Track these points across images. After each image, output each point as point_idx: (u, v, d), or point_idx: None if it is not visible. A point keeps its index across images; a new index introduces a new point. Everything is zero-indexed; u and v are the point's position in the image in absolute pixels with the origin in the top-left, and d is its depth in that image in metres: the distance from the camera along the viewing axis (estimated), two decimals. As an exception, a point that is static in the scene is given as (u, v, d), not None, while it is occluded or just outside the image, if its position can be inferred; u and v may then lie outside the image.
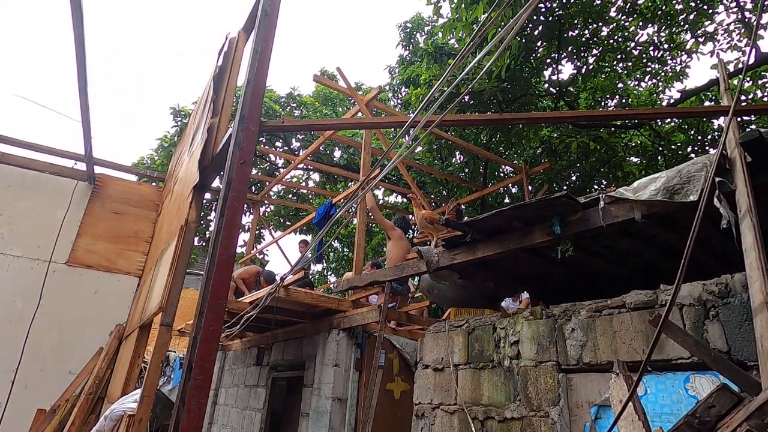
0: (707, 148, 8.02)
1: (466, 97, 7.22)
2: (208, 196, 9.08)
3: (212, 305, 1.82)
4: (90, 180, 5.39)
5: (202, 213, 10.32)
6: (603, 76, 8.37)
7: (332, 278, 14.35)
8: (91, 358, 4.77)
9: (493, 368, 3.01)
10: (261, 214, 10.06)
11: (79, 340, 4.84)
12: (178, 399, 1.75)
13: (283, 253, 9.17)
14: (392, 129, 10.77)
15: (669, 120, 8.93)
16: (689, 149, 8.26)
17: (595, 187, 9.03)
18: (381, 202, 11.94)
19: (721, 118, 7.98)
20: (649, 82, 8.85)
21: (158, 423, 6.00)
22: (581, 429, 2.43)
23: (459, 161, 10.18)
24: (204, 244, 10.99)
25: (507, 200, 10.22)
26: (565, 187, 9.09)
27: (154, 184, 6.36)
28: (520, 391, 2.77)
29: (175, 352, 9.68)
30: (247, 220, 11.21)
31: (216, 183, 5.59)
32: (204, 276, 1.96)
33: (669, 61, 8.08)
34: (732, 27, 7.16)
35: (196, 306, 1.90)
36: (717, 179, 2.15)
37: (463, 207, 7.68)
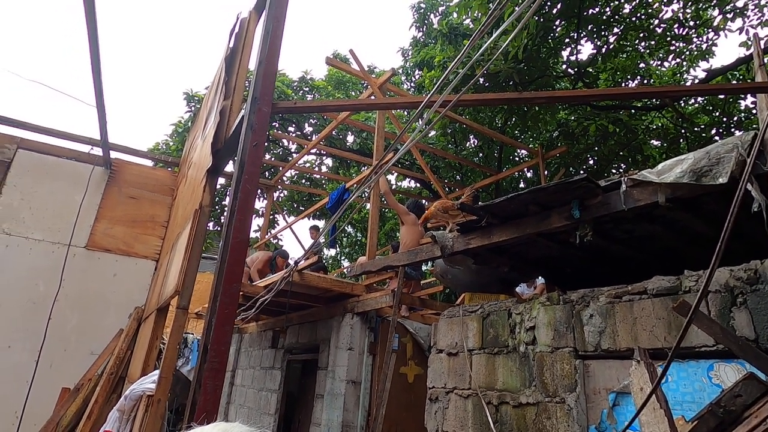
0: (733, 130, 7.73)
1: (481, 80, 7.06)
2: (222, 181, 9.15)
3: (227, 289, 1.82)
4: (106, 165, 5.45)
5: (217, 198, 10.41)
6: (624, 55, 8.08)
7: (346, 263, 14.43)
8: (112, 339, 4.89)
9: (508, 354, 2.98)
10: (275, 199, 10.10)
11: (100, 322, 4.97)
12: (194, 381, 1.76)
13: (296, 237, 9.23)
14: (406, 114, 10.64)
15: (693, 101, 8.62)
16: (713, 131, 7.96)
17: (613, 171, 8.81)
18: (394, 187, 11.87)
19: (749, 99, 7.67)
20: (673, 62, 8.51)
21: (178, 402, 6.16)
22: (598, 415, 2.40)
23: (473, 145, 10.02)
24: (219, 228, 11.11)
25: (522, 185, 10.06)
26: (582, 171, 8.89)
27: (169, 169, 6.40)
28: (535, 377, 2.74)
29: (192, 334, 9.89)
30: (261, 205, 11.29)
31: (230, 167, 5.62)
32: (218, 260, 1.95)
33: (694, 39, 7.75)
34: (763, 2, 6.81)
35: (211, 289, 1.91)
36: (748, 160, 2.05)
37: (480, 193, 7.58)
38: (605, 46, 7.28)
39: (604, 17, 6.83)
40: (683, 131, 8.18)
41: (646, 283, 2.40)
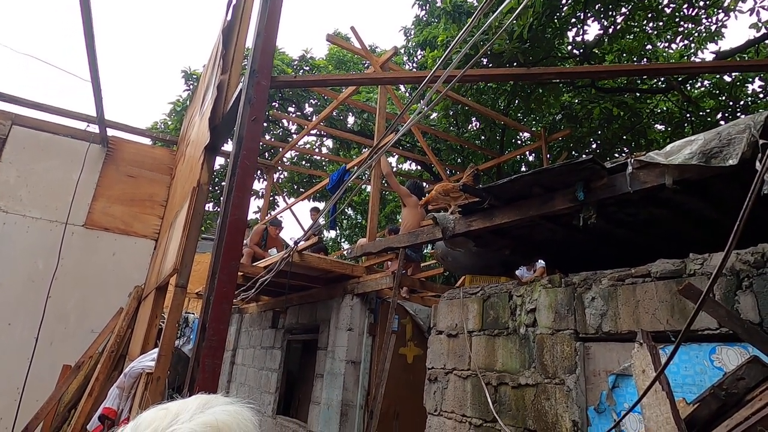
0: (739, 114, 7.62)
1: (485, 60, 6.92)
2: (222, 161, 9.06)
3: (225, 266, 1.79)
4: (103, 143, 5.37)
5: (217, 179, 10.34)
6: (631, 36, 7.90)
7: (346, 245, 14.45)
8: (112, 318, 4.90)
9: (508, 335, 2.98)
10: (275, 180, 10.04)
11: (100, 301, 4.97)
12: (192, 359, 1.75)
13: (296, 219, 9.22)
14: (407, 95, 10.47)
15: (699, 84, 8.49)
16: (719, 116, 7.85)
17: (617, 155, 8.73)
18: (395, 169, 11.79)
19: (757, 83, 7.53)
20: (681, 44, 8.34)
21: (179, 380, 6.23)
22: (598, 397, 2.40)
23: (475, 128, 9.90)
24: (219, 209, 11.06)
25: (524, 168, 9.98)
26: (584, 155, 8.79)
27: (168, 147, 6.32)
28: (535, 359, 2.74)
29: (194, 314, 9.94)
30: (261, 186, 11.23)
31: (229, 146, 5.54)
32: (216, 237, 1.92)
33: (704, 20, 7.56)
34: (777, -19, 6.60)
35: (209, 267, 1.88)
36: (761, 142, 2.00)
37: (482, 173, 7.50)
38: (612, 27, 7.11)
39: (613, -4, 6.64)
40: (688, 115, 8.07)
41: (650, 266, 2.37)
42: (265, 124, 10.45)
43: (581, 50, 7.41)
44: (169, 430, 0.57)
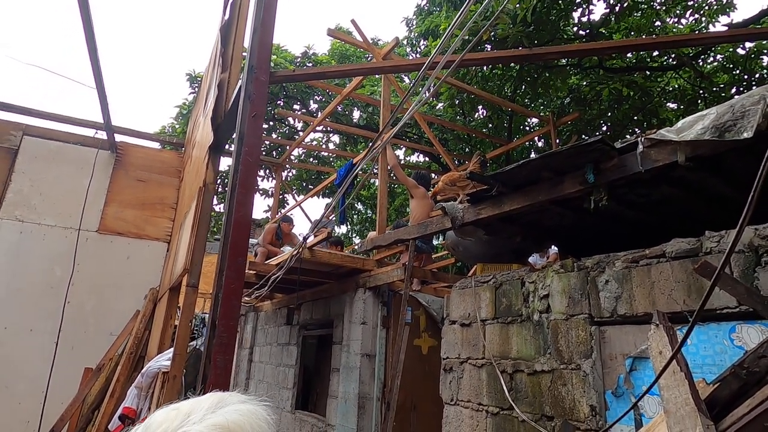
0: (754, 87, 7.39)
1: (488, 47, 6.82)
2: (229, 162, 9.12)
3: (232, 263, 1.79)
4: (112, 148, 5.44)
5: (226, 180, 10.40)
6: (638, 13, 7.71)
7: (357, 240, 14.47)
8: (130, 320, 4.99)
9: (522, 322, 2.95)
10: (283, 178, 10.08)
11: (117, 304, 5.06)
12: (204, 356, 1.76)
13: (306, 216, 9.26)
14: (412, 86, 10.38)
15: (712, 59, 8.25)
16: (733, 90, 7.63)
17: (628, 137, 8.54)
18: (403, 161, 11.73)
19: (772, 54, 7.29)
20: (691, 18, 8.10)
21: (198, 379, 6.32)
22: (615, 380, 2.36)
23: (482, 116, 9.78)
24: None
25: (533, 155, 9.85)
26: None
27: (176, 150, 6.37)
28: (550, 345, 2.71)
29: (208, 314, 10.06)
30: (270, 185, 11.29)
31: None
32: (222, 234, 1.92)
33: (714, -9, 7.34)
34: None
35: (216, 264, 1.88)
36: (776, 112, 1.93)
37: (488, 160, 7.42)
38: (619, 4, 6.94)
39: (618, -28, 6.48)
40: (701, 92, 7.86)
41: (665, 246, 2.32)
42: (271, 123, 10.48)
43: (587, 31, 7.25)
44: (179, 431, 0.56)
